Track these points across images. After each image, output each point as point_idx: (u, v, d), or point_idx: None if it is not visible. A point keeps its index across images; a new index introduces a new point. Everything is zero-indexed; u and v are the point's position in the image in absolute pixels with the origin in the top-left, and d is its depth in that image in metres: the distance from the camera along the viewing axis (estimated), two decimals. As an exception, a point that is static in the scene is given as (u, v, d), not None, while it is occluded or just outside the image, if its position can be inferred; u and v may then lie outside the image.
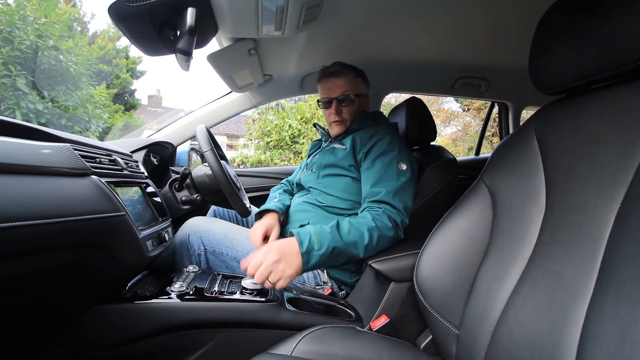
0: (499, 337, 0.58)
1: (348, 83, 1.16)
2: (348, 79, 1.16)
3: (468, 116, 12.16)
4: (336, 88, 1.16)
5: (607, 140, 0.53)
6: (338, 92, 1.15)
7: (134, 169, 0.88)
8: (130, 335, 0.69)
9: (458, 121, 13.04)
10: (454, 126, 13.32)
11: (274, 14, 0.82)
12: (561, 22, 0.60)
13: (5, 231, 0.41)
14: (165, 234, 0.85)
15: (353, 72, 1.18)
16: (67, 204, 0.52)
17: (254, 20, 0.84)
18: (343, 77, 1.16)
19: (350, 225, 0.85)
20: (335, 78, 1.16)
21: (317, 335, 0.69)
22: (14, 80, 4.64)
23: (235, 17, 0.82)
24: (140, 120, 10.83)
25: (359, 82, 1.18)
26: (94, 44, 7.38)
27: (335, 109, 1.16)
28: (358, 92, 1.17)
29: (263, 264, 0.74)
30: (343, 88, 1.15)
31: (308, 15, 0.87)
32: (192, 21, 0.69)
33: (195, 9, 0.72)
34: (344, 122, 1.17)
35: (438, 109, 13.01)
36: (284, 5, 0.78)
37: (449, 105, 12.34)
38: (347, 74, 1.16)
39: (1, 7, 4.98)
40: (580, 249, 0.51)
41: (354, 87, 1.16)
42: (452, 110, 12.71)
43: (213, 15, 0.84)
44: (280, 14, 0.81)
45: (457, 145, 12.50)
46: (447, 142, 13.15)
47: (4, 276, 0.46)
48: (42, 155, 0.51)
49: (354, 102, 1.16)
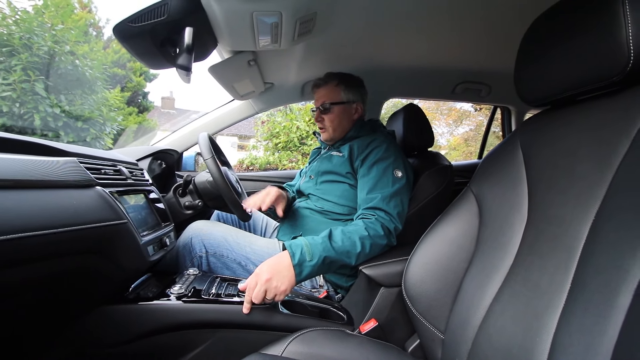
0: (480, 343, 0.60)
1: (329, 92, 1.21)
2: (329, 89, 1.22)
3: (481, 115, 11.95)
4: (319, 98, 1.23)
5: (584, 153, 0.54)
6: (320, 101, 1.23)
7: (138, 177, 0.93)
8: (132, 334, 0.74)
9: (470, 120, 12.86)
10: (466, 126, 13.13)
11: (269, 29, 0.85)
12: (545, 35, 0.61)
13: (17, 241, 0.46)
14: (166, 238, 0.90)
15: (337, 80, 1.22)
16: (73, 215, 0.56)
17: (251, 35, 0.88)
18: (323, 87, 1.22)
19: (343, 235, 0.88)
20: (318, 88, 1.24)
21: (307, 337, 0.72)
22: (32, 85, 4.81)
23: (232, 32, 0.86)
24: (154, 122, 11.07)
25: (340, 91, 1.22)
26: (108, 48, 7.58)
27: (316, 117, 1.24)
28: (337, 100, 1.21)
29: (257, 284, 0.76)
30: (323, 98, 1.22)
31: (302, 29, 0.90)
32: (190, 40, 0.74)
33: (194, 27, 0.77)
34: (326, 129, 1.23)
35: (449, 108, 12.85)
36: (277, 21, 0.81)
37: (461, 105, 12.14)
38: (330, 83, 1.22)
39: (20, 15, 5.18)
40: (556, 259, 0.52)
41: (334, 95, 1.21)
42: (464, 109, 12.54)
43: (212, 31, 0.88)
44: (275, 29, 0.85)
45: (469, 145, 12.31)
46: (459, 142, 12.95)
47: (17, 280, 0.51)
48: (50, 170, 0.56)
49: (331, 110, 1.21)
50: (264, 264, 0.80)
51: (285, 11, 0.78)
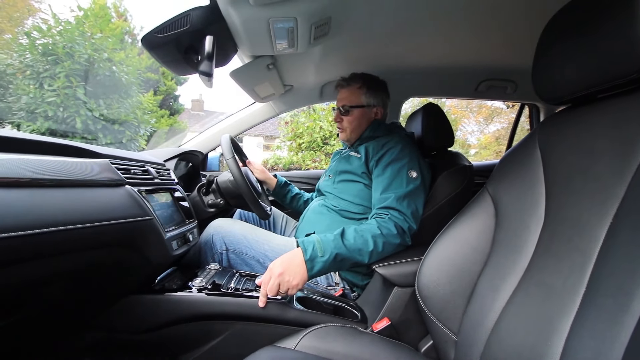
0: (491, 345, 0.59)
1: (350, 95, 1.23)
2: (350, 91, 1.23)
3: (513, 113, 11.43)
4: (340, 99, 1.26)
5: (602, 152, 0.52)
6: (340, 103, 1.25)
7: (164, 176, 0.99)
8: (157, 322, 0.80)
9: (502, 118, 12.34)
10: (497, 123, 12.62)
11: (285, 34, 0.88)
12: (564, 31, 0.60)
13: (58, 233, 0.52)
14: (189, 234, 0.95)
15: (360, 82, 1.23)
16: (105, 211, 0.62)
17: (268, 40, 0.91)
18: (346, 88, 1.24)
19: (355, 233, 0.90)
20: (341, 89, 1.26)
21: (320, 332, 0.74)
22: (74, 91, 5.19)
23: (251, 38, 0.90)
24: (184, 124, 11.57)
25: (362, 94, 1.23)
26: (142, 54, 8.00)
27: (336, 117, 1.27)
28: (357, 104, 1.23)
29: (271, 278, 0.80)
30: (344, 100, 1.24)
31: (318, 33, 0.93)
32: (211, 47, 0.78)
33: (215, 35, 0.82)
34: (344, 130, 1.26)
35: (479, 105, 12.38)
36: (293, 26, 0.84)
37: (492, 101, 11.68)
38: (352, 85, 1.23)
39: (64, 26, 5.60)
40: (570, 262, 0.51)
41: (354, 98, 1.23)
42: (496, 106, 12.05)
43: (232, 38, 0.93)
44: (291, 33, 0.88)
45: (500, 143, 11.80)
46: (490, 141, 12.46)
47: (60, 269, 0.57)
48: (85, 171, 0.62)
49: (350, 113, 1.23)
50: (277, 260, 0.84)
51: (300, 16, 0.81)
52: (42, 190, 0.52)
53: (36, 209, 0.49)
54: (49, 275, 0.56)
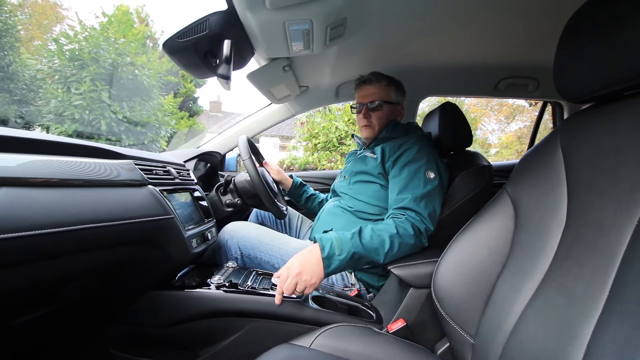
0: (510, 349, 0.58)
1: (379, 90, 1.22)
2: (380, 87, 1.23)
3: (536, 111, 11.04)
4: (368, 95, 1.24)
5: (628, 153, 0.50)
6: (369, 98, 1.23)
7: (184, 176, 1.03)
8: (178, 317, 0.82)
9: (525, 116, 11.94)
10: (519, 122, 12.23)
11: (301, 36, 0.89)
12: (587, 27, 0.58)
13: (85, 231, 0.54)
14: (208, 233, 0.98)
15: (386, 80, 1.24)
16: (129, 209, 0.65)
17: (284, 43, 0.92)
18: (375, 84, 1.23)
19: (372, 232, 0.89)
20: (368, 85, 1.24)
21: (335, 331, 0.75)
22: (99, 94, 5.43)
23: (267, 41, 0.92)
24: (203, 125, 11.85)
25: (390, 91, 1.23)
26: (163, 58, 8.24)
27: (364, 114, 1.24)
28: (387, 99, 1.22)
29: (288, 278, 0.81)
30: (374, 96, 1.22)
31: (334, 34, 0.93)
32: (229, 51, 0.80)
33: (232, 39, 0.84)
34: (372, 126, 1.24)
35: (500, 103, 12.03)
36: (309, 28, 0.85)
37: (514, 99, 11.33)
38: (380, 82, 1.23)
39: (89, 32, 5.85)
40: (593, 266, 0.50)
41: (385, 94, 1.22)
42: (517, 104, 11.67)
43: (249, 41, 0.95)
44: (306, 35, 0.89)
45: (522, 142, 11.44)
46: (512, 140, 12.09)
47: (89, 265, 0.60)
48: (110, 171, 0.65)
49: (381, 108, 1.22)
50: (294, 258, 0.84)
51: (315, 18, 0.81)
52: (72, 190, 0.55)
53: (67, 208, 0.53)
54: (79, 270, 0.59)
